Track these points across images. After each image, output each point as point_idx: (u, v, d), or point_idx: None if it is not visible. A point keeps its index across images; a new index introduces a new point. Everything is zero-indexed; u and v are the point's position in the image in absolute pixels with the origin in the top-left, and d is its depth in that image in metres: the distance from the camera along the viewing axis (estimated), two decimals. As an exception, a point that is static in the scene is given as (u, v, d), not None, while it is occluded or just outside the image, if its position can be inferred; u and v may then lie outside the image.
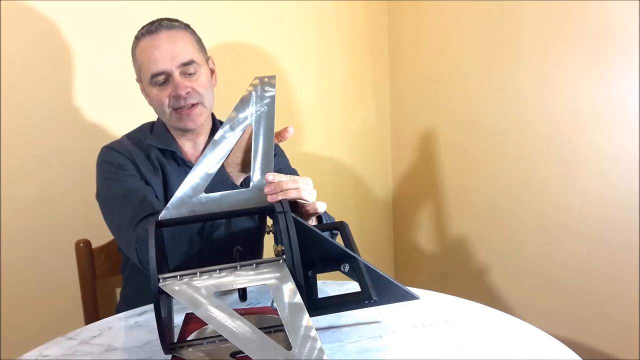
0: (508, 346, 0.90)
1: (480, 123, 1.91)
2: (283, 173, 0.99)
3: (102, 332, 1.02)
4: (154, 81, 1.17)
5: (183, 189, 0.96)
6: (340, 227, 1.03)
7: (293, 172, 1.31)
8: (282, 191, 0.95)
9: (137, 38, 1.20)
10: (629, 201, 1.53)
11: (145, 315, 1.08)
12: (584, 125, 1.61)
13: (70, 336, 1.00)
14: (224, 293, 1.10)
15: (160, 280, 0.83)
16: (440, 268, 2.17)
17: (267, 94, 1.05)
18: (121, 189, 1.16)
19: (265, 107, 1.03)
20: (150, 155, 1.23)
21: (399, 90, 2.22)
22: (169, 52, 1.15)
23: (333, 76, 2.10)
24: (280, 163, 1.35)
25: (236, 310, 0.79)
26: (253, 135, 1.01)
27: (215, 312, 0.76)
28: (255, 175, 0.99)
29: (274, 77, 1.08)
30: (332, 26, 2.06)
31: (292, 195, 0.96)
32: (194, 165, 1.18)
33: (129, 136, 1.28)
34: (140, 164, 1.21)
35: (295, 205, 0.99)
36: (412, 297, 0.94)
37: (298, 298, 0.77)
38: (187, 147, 1.27)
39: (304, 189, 0.98)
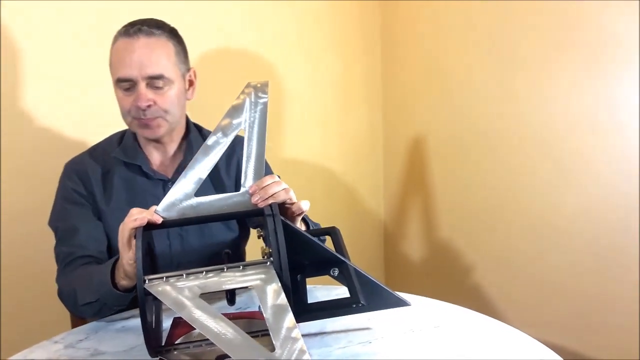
0: (496, 352, 0.89)
1: (473, 128, 1.90)
2: None
3: (89, 335, 1.01)
4: (119, 85, 1.14)
5: (174, 193, 0.96)
6: (332, 232, 1.03)
7: None
8: (271, 196, 0.95)
9: (116, 37, 1.16)
10: (627, 205, 1.51)
11: (133, 319, 1.07)
12: (580, 130, 1.60)
13: (56, 340, 1.00)
14: (212, 298, 1.09)
15: (146, 282, 0.83)
16: (431, 274, 2.15)
17: (261, 100, 1.05)
18: (68, 225, 1.16)
19: (258, 113, 1.04)
20: (112, 172, 1.20)
21: (391, 95, 2.21)
22: (140, 59, 1.11)
23: (325, 81, 2.08)
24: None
25: (225, 314, 0.78)
26: (246, 141, 1.02)
27: (199, 314, 0.76)
28: (248, 181, 0.99)
29: (266, 83, 1.08)
30: (324, 30, 2.05)
31: (281, 197, 0.95)
32: (163, 175, 1.20)
33: (95, 148, 1.25)
34: (94, 186, 1.19)
35: (283, 209, 0.99)
36: (403, 303, 0.93)
37: (282, 299, 0.76)
38: (155, 156, 1.23)
39: (290, 188, 0.98)
